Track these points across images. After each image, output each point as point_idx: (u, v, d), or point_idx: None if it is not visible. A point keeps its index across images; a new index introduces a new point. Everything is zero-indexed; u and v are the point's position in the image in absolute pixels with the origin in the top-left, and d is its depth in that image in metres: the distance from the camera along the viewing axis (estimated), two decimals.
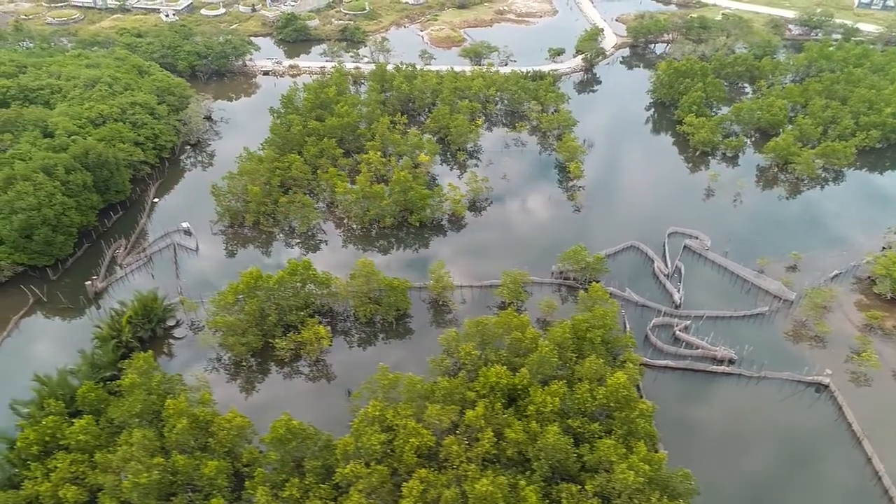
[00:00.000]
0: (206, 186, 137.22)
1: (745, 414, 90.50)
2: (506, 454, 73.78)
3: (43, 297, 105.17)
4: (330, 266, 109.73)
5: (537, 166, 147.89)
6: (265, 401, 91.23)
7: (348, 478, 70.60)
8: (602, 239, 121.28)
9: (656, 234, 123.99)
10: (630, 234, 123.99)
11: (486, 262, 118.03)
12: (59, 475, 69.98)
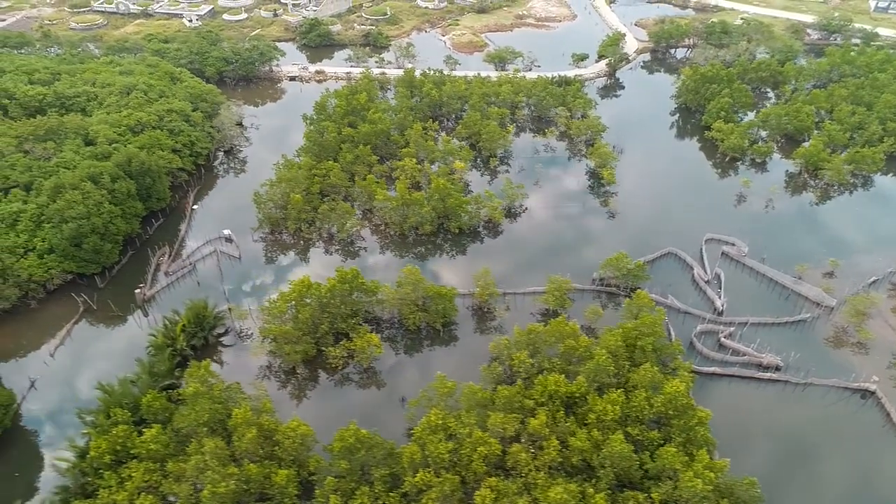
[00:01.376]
0: (241, 193, 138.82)
1: (794, 420, 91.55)
2: (570, 462, 74.81)
3: (93, 305, 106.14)
4: (370, 273, 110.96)
5: (568, 172, 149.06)
6: (318, 409, 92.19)
7: (418, 486, 71.63)
8: (638, 245, 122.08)
9: (691, 240, 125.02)
10: (665, 240, 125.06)
11: (524, 268, 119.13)
12: (133, 484, 70.99)
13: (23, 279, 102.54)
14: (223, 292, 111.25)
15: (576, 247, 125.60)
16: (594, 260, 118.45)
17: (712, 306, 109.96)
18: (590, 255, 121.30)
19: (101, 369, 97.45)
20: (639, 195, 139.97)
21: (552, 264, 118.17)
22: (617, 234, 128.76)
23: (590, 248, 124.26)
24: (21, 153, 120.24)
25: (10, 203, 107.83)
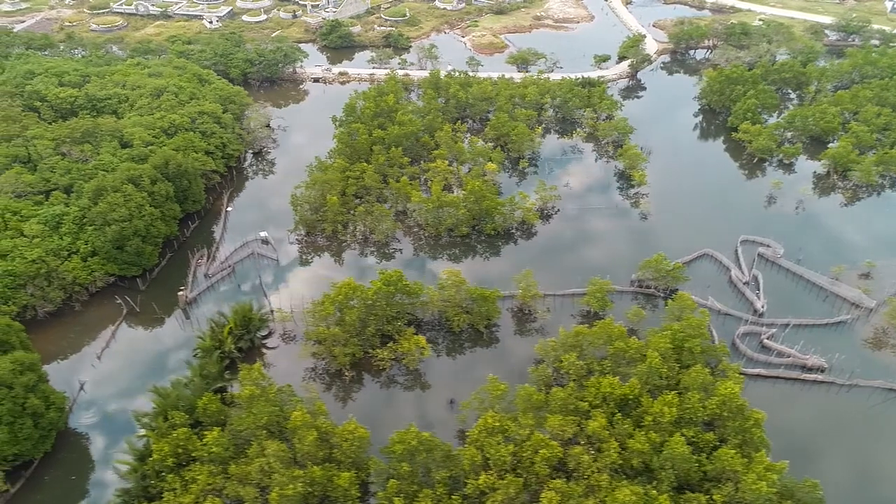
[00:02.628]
0: (273, 195, 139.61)
1: (842, 422, 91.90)
2: (630, 464, 75.15)
3: (136, 308, 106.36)
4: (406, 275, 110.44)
5: (598, 174, 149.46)
6: (365, 411, 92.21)
7: (481, 488, 71.95)
8: (671, 247, 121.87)
9: (724, 241, 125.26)
10: (698, 241, 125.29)
11: (558, 270, 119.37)
12: (198, 487, 71.24)
13: (67, 282, 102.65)
14: (264, 294, 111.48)
15: (609, 248, 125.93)
16: (629, 261, 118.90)
17: (752, 308, 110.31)
18: (624, 257, 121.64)
19: (148, 372, 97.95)
20: (669, 196, 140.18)
21: (587, 266, 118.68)
22: (650, 235, 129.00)
23: (623, 250, 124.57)
24: (59, 156, 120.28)
25: (53, 206, 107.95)
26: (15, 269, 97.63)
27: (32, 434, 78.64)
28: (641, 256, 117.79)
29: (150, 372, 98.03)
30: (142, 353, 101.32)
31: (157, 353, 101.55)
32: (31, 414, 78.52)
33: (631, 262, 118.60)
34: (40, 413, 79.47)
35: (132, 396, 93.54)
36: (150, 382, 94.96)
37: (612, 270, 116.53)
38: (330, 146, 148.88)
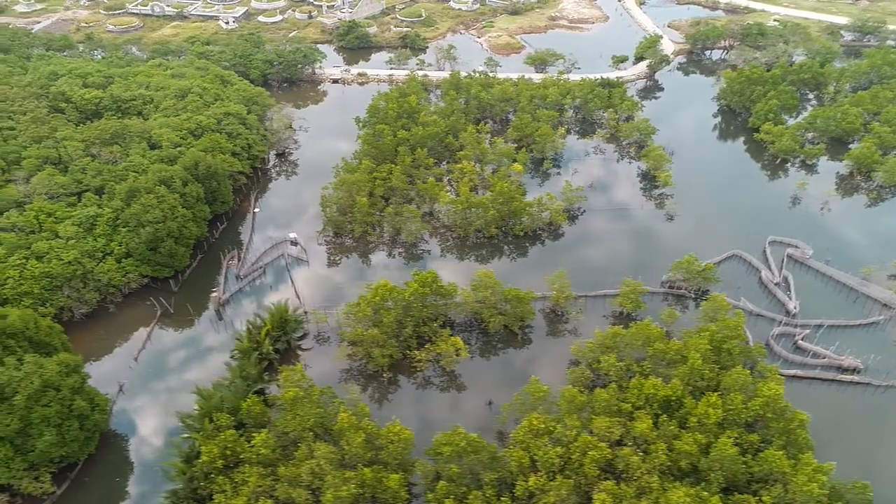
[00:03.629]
0: (298, 196, 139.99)
1: (882, 423, 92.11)
2: (678, 466, 75.25)
3: (170, 309, 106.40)
4: None
5: (620, 174, 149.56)
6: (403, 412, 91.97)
7: (532, 490, 72.06)
8: (698, 248, 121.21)
9: (751, 242, 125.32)
10: (725, 242, 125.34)
11: (587, 271, 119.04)
12: (249, 489, 71.32)
13: (102, 283, 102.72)
14: (296, 295, 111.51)
15: (636, 249, 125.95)
16: (657, 262, 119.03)
17: (783, 309, 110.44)
18: (652, 258, 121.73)
19: (185, 373, 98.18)
20: (694, 197, 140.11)
21: (614, 267, 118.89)
22: (676, 236, 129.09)
23: (651, 251, 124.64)
24: (88, 157, 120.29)
25: (86, 207, 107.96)
26: (52, 270, 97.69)
27: (79, 436, 78.69)
28: (669, 257, 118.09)
29: (186, 373, 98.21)
30: (177, 355, 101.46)
31: (192, 355, 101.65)
32: (78, 416, 78.46)
33: (659, 263, 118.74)
34: (86, 415, 79.50)
35: (170, 398, 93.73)
36: (187, 384, 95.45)
37: (641, 271, 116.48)
38: (352, 147, 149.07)
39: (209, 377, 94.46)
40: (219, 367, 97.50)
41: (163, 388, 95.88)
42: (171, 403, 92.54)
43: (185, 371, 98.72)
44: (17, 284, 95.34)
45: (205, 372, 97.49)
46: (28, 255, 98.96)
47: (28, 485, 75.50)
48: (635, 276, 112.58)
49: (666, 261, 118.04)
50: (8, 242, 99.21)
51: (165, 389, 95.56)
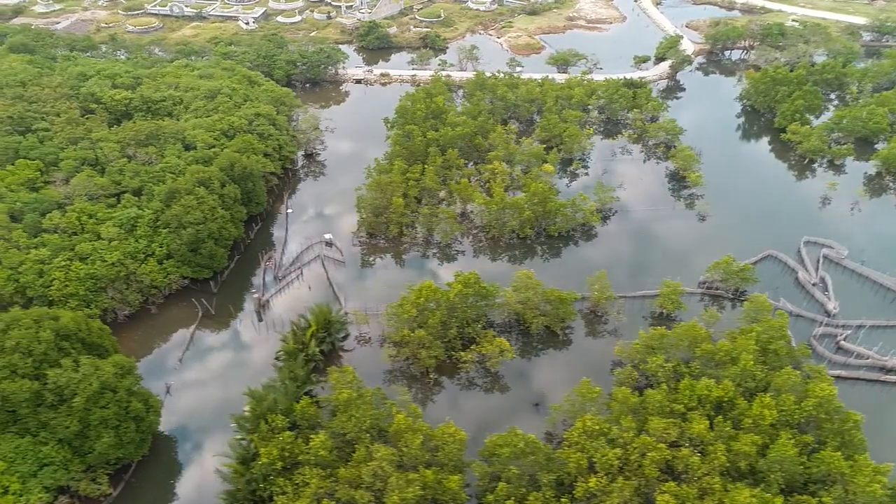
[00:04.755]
0: (329, 196, 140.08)
1: None
2: (736, 467, 75.30)
3: (211, 310, 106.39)
4: None
5: (649, 175, 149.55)
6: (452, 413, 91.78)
7: (592, 491, 72.13)
8: (732, 248, 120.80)
9: (784, 242, 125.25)
10: (758, 242, 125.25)
11: (622, 271, 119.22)
12: (311, 490, 71.32)
13: (144, 284, 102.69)
14: (335, 296, 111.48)
15: (670, 249, 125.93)
16: (691, 263, 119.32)
17: (822, 309, 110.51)
18: (686, 258, 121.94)
19: (229, 374, 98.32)
20: (723, 197, 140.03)
21: (648, 267, 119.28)
22: (709, 236, 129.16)
23: (684, 251, 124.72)
24: (124, 158, 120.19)
25: (127, 209, 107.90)
26: (96, 272, 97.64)
27: (135, 437, 78.70)
28: (703, 258, 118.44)
29: (230, 374, 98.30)
30: (221, 356, 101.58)
31: (235, 356, 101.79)
32: (133, 417, 78.46)
33: (693, 264, 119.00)
34: (141, 416, 79.47)
35: (216, 399, 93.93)
36: (231, 385, 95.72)
37: (675, 272, 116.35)
38: (378, 147, 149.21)
39: (254, 378, 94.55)
40: (263, 368, 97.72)
41: (208, 389, 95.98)
42: (217, 404, 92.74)
43: (230, 372, 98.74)
44: (63, 286, 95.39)
45: (249, 373, 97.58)
46: (72, 257, 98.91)
47: (86, 486, 75.47)
48: (671, 276, 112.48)
49: (700, 261, 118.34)
50: (52, 244, 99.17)
51: (211, 390, 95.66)
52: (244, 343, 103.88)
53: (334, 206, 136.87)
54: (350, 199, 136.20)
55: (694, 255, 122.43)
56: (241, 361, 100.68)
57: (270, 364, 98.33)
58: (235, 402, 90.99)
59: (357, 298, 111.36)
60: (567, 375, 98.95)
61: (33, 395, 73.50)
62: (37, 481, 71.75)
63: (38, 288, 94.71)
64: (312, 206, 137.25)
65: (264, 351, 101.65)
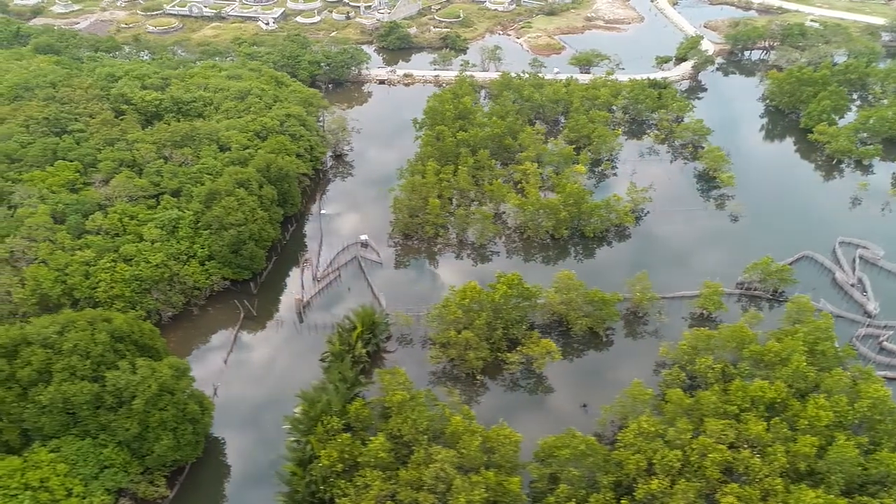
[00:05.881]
0: (360, 197, 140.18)
1: None
2: (795, 468, 75.33)
3: (253, 311, 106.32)
4: None
5: (679, 175, 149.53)
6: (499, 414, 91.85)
7: (654, 493, 72.13)
8: (766, 249, 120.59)
9: (817, 243, 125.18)
10: (791, 243, 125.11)
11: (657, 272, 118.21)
12: (374, 493, 71.27)
13: (187, 286, 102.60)
14: (374, 297, 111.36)
15: (704, 250, 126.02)
16: (726, 263, 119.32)
17: (861, 310, 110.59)
18: (720, 259, 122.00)
19: (274, 375, 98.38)
20: (753, 197, 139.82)
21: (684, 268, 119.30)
22: (742, 237, 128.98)
23: (719, 252, 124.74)
24: (161, 159, 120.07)
25: (167, 210, 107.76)
26: (141, 273, 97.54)
27: (192, 440, 78.63)
28: (737, 258, 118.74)
29: (275, 375, 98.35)
30: (264, 357, 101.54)
31: (279, 357, 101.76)
32: (190, 419, 78.40)
33: (728, 264, 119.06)
34: (196, 418, 79.42)
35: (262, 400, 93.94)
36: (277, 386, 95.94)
37: (710, 272, 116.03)
38: (406, 148, 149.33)
39: (299, 379, 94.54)
40: (308, 370, 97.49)
41: (253, 390, 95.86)
42: (263, 406, 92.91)
43: (274, 373, 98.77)
44: (109, 287, 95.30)
45: (293, 374, 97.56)
46: (116, 258, 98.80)
47: (145, 488, 75.40)
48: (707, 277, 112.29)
49: (735, 262, 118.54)
50: (96, 245, 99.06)
51: (256, 391, 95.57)
52: (287, 344, 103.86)
53: (365, 206, 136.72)
54: (381, 200, 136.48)
55: (728, 256, 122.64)
56: (284, 362, 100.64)
57: (314, 365, 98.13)
58: (281, 403, 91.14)
59: (395, 299, 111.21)
60: (611, 377, 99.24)
61: (93, 397, 73.33)
62: (98, 483, 71.64)
63: (84, 289, 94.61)
64: (344, 207, 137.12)
65: (307, 352, 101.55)
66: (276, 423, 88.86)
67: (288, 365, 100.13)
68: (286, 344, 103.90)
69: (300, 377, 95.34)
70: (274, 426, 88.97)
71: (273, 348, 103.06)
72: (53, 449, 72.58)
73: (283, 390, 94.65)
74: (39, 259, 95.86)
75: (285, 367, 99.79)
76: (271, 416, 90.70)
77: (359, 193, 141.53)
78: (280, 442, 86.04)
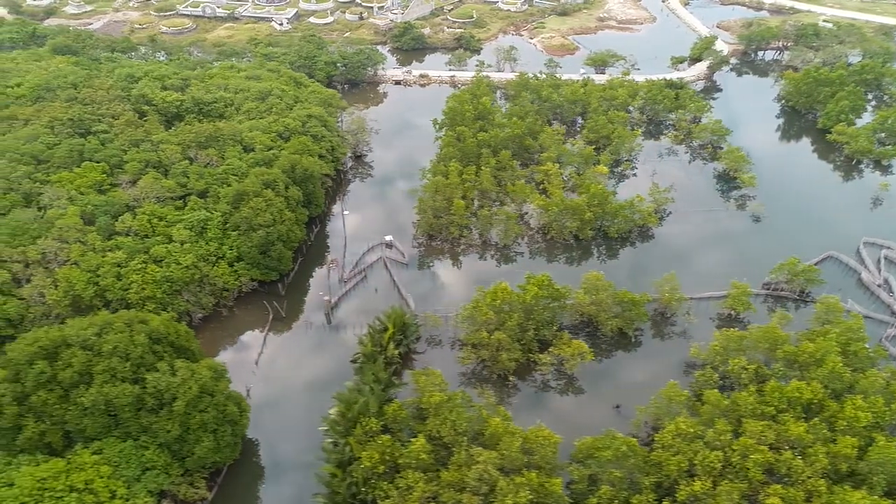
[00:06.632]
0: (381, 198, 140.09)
1: None
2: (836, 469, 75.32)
3: (282, 313, 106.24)
4: None
5: (699, 176, 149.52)
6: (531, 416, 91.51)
7: (697, 494, 72.09)
8: (789, 249, 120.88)
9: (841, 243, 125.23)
10: (815, 243, 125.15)
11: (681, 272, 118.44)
12: (417, 495, 71.21)
13: (217, 287, 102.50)
14: (402, 298, 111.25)
15: (727, 250, 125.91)
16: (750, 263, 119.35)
17: (889, 310, 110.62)
18: (744, 259, 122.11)
19: (305, 376, 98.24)
20: (774, 198, 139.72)
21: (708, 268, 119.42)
22: (765, 237, 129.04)
23: (742, 252, 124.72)
24: (186, 160, 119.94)
25: (195, 211, 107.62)
26: (172, 274, 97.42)
27: (231, 441, 78.55)
28: (761, 258, 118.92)
29: (305, 376, 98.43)
30: (295, 358, 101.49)
31: (309, 358, 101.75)
32: (229, 421, 78.32)
33: (752, 265, 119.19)
34: (235, 420, 79.34)
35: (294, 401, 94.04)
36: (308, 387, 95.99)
37: (735, 273, 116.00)
38: (424, 148, 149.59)
39: (330, 380, 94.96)
40: (338, 371, 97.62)
41: (284, 391, 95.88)
42: (294, 407, 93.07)
43: (304, 374, 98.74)
44: (140, 289, 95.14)
45: (324, 375, 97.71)
46: (146, 260, 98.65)
47: (186, 490, 75.30)
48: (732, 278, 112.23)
49: (758, 262, 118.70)
50: (127, 246, 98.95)
51: (287, 393, 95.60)
52: (316, 345, 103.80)
53: (387, 207, 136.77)
54: (402, 201, 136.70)
55: (752, 256, 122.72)
56: (314, 363, 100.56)
57: (345, 367, 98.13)
58: (313, 405, 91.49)
59: (420, 300, 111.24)
60: (641, 377, 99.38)
61: (135, 399, 73.22)
62: (141, 485, 71.55)
63: (117, 291, 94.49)
64: (366, 208, 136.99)
65: (337, 353, 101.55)
66: (308, 425, 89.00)
67: (318, 366, 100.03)
68: (316, 345, 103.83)
69: (331, 378, 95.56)
70: (306, 427, 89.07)
71: (303, 349, 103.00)
72: (96, 451, 72.43)
73: (314, 391, 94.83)
74: (71, 260, 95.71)
75: (316, 368, 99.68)
76: (304, 417, 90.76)
77: (380, 194, 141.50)
78: (313, 443, 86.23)
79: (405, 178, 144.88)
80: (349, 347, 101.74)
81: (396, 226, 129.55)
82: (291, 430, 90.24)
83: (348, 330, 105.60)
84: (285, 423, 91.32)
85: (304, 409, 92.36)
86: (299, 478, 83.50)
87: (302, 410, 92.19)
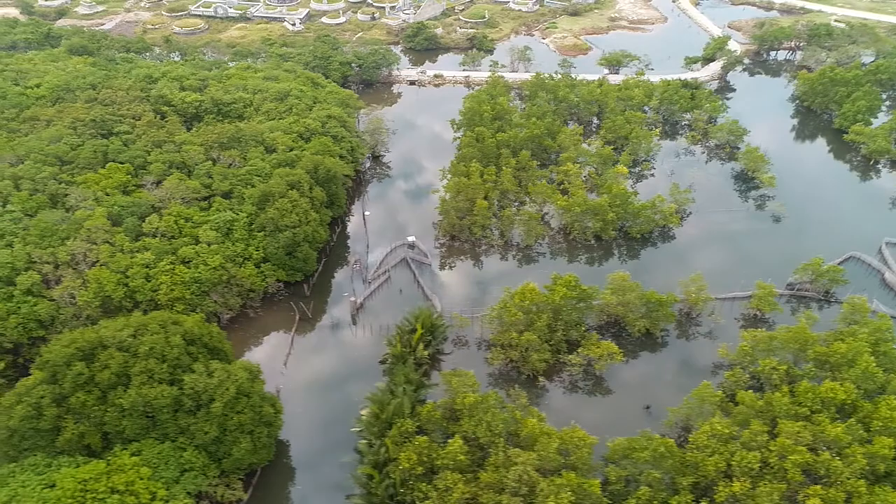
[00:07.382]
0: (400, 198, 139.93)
1: None
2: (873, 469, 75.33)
3: (308, 314, 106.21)
4: None
5: (715, 176, 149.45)
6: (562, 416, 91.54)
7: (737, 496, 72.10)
8: (811, 249, 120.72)
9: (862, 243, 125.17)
10: (836, 243, 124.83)
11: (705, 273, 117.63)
12: (457, 496, 71.18)
13: (244, 288, 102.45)
14: (427, 299, 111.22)
15: (749, 250, 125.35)
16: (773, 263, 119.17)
17: None
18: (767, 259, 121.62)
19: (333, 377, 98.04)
20: (793, 198, 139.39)
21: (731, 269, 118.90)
22: (786, 237, 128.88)
23: (764, 252, 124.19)
24: (209, 161, 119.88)
25: (221, 212, 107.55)
26: (201, 275, 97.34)
27: (267, 442, 78.53)
28: (783, 259, 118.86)
29: (333, 377, 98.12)
30: (323, 359, 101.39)
31: (336, 359, 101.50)
32: (265, 422, 78.29)
33: (774, 265, 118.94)
34: (271, 421, 79.31)
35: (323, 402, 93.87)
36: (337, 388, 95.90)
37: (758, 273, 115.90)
38: (441, 149, 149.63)
39: (358, 381, 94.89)
40: (366, 372, 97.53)
41: (312, 392, 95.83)
42: (323, 408, 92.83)
43: (332, 375, 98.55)
44: (170, 290, 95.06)
45: (352, 376, 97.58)
46: (174, 261, 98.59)
47: (223, 492, 75.25)
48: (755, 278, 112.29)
49: (781, 262, 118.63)
50: (154, 247, 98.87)
51: (316, 394, 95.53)
52: (343, 346, 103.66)
53: (407, 208, 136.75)
54: (422, 201, 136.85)
55: (774, 257, 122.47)
56: (342, 364, 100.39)
57: (373, 368, 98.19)
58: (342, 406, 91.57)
59: (445, 300, 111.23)
60: (668, 378, 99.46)
61: (173, 400, 73.18)
62: (180, 487, 71.42)
63: (146, 292, 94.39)
64: (386, 209, 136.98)
65: (365, 354, 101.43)
66: (339, 426, 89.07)
67: (346, 367, 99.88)
68: (343, 346, 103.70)
69: (359, 379, 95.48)
70: (337, 428, 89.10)
71: (329, 350, 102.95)
72: (134, 452, 72.35)
73: (343, 392, 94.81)
74: (100, 262, 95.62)
75: (344, 368, 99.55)
76: (334, 418, 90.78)
77: (399, 195, 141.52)
78: (344, 445, 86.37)
79: (424, 179, 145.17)
80: (376, 348, 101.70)
81: (418, 226, 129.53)
82: (322, 431, 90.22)
83: (374, 331, 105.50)
84: (315, 424, 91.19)
85: (333, 409, 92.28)
86: (331, 479, 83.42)
87: (331, 411, 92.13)
